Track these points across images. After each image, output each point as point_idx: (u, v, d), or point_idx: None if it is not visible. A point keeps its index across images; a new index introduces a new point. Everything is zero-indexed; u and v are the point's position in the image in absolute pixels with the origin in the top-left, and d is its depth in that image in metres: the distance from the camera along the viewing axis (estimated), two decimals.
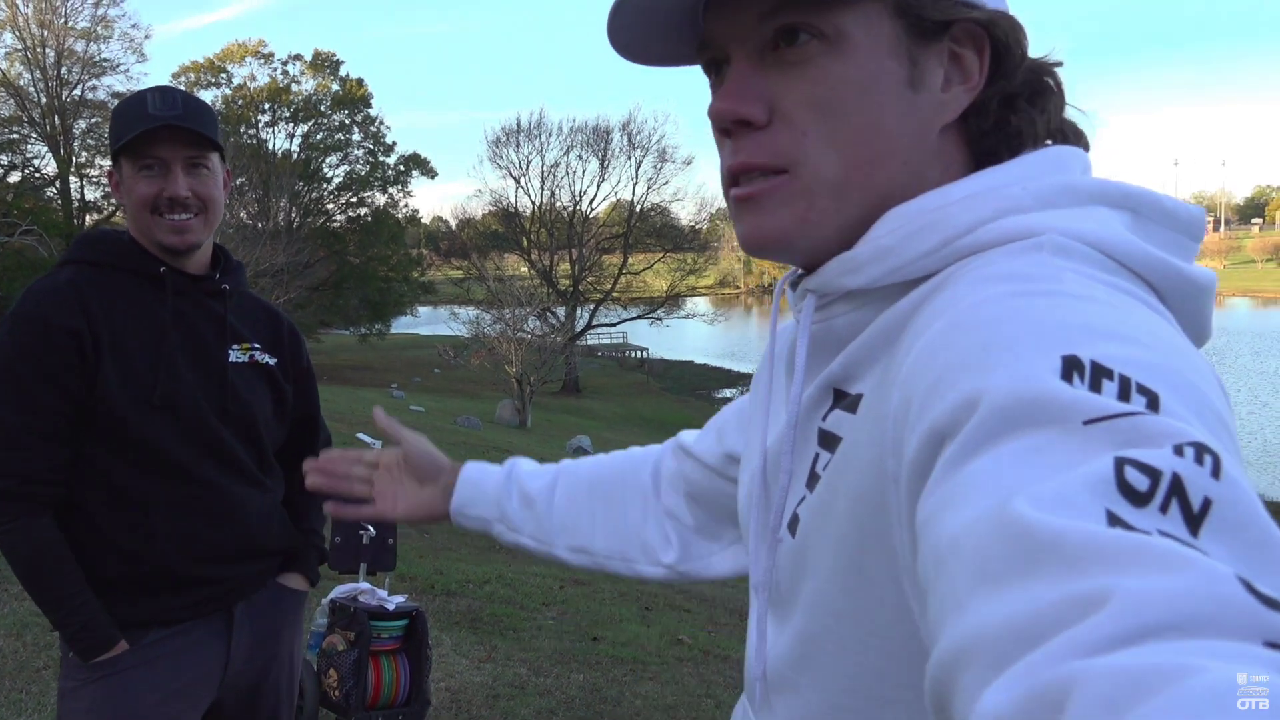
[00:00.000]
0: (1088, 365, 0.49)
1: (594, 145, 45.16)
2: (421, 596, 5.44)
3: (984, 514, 0.44)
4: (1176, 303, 0.65)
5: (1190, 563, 0.37)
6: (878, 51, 0.69)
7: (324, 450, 1.28)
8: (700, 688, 4.80)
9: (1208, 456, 0.43)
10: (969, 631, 0.40)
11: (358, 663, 3.26)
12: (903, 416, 0.57)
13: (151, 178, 1.87)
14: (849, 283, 0.70)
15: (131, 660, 1.89)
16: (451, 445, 14.35)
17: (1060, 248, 0.61)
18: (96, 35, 37.75)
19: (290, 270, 31.02)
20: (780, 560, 0.75)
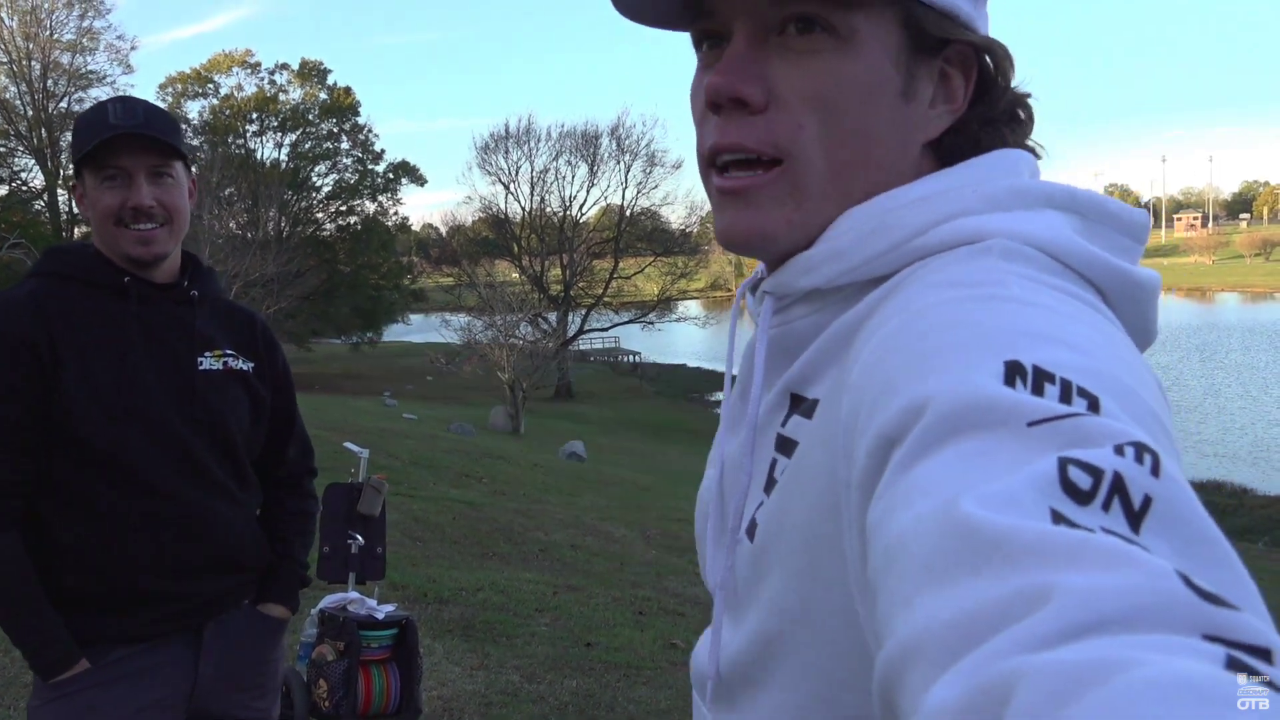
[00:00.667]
0: (1029, 370, 0.50)
1: (583, 150, 45.25)
2: (413, 604, 5.42)
3: (930, 513, 0.45)
4: (1122, 304, 0.66)
5: (1131, 559, 0.38)
6: (882, 57, 0.69)
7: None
8: None
9: (1147, 455, 0.44)
10: (915, 629, 0.41)
11: (347, 672, 3.24)
12: (853, 422, 0.58)
13: (114, 188, 1.85)
14: (804, 283, 0.71)
15: (93, 679, 1.85)
16: (445, 452, 14.33)
17: (1008, 251, 0.63)
18: (82, 47, 37.79)
19: (281, 280, 30.95)
20: (738, 564, 0.75)
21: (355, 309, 43.79)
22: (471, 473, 12.82)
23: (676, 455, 25.08)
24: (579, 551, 8.66)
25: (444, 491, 10.94)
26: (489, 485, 12.21)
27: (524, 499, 11.64)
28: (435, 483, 11.53)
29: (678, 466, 21.92)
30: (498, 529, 9.10)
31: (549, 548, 8.60)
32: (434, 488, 11.06)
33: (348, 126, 46.63)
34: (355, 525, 3.58)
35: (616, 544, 9.44)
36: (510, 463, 15.34)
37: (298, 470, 2.24)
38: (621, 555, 8.87)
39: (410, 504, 9.16)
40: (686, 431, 32.77)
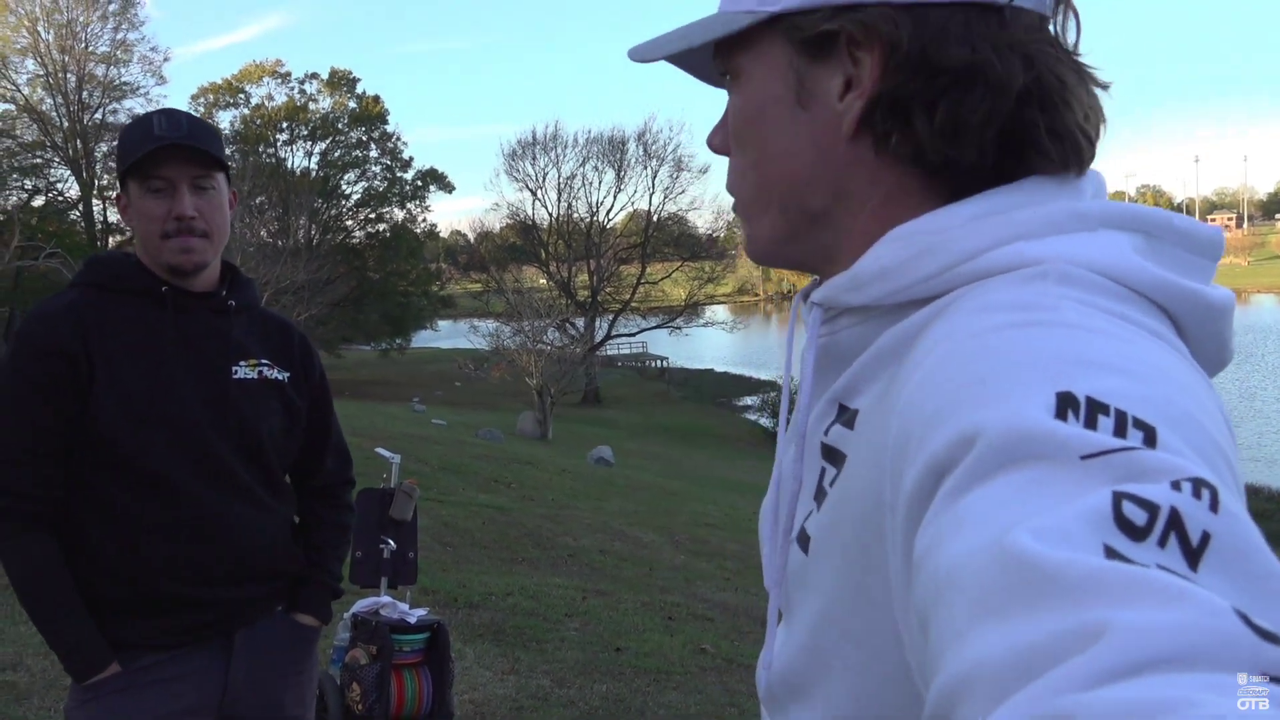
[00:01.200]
0: (1083, 401, 0.49)
1: (610, 156, 45.33)
2: (444, 609, 5.45)
3: (982, 545, 0.44)
4: (1192, 327, 0.63)
5: (1187, 596, 0.37)
6: (767, 79, 0.73)
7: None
8: (725, 697, 4.79)
9: (1205, 490, 0.43)
10: (968, 663, 0.41)
11: (380, 676, 3.27)
12: (901, 448, 0.57)
13: (159, 199, 1.88)
14: (851, 300, 0.71)
15: (124, 683, 1.87)
16: (474, 458, 14.40)
17: (1064, 276, 0.60)
18: (116, 59, 38.32)
19: (311, 287, 31.20)
20: (790, 573, 0.75)
21: (384, 316, 44.07)
22: (500, 478, 12.87)
23: (704, 460, 25.05)
24: (607, 556, 8.67)
25: (473, 497, 11.00)
26: (517, 491, 12.25)
27: (552, 504, 11.67)
28: (464, 488, 11.59)
29: (705, 471, 21.89)
30: (526, 534, 9.14)
31: (577, 553, 8.62)
32: (463, 493, 11.12)
33: (376, 135, 46.97)
34: (387, 530, 3.62)
35: (645, 549, 9.44)
36: (538, 468, 15.39)
37: (335, 480, 2.25)
38: (650, 560, 8.88)
39: (440, 509, 9.21)
40: (714, 437, 32.71)
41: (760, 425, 34.83)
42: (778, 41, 0.72)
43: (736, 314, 65.13)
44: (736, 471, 22.94)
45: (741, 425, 36.22)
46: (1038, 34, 0.68)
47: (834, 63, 0.70)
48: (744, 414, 38.74)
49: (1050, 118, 0.67)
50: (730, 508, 14.60)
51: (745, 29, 0.73)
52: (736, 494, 17.46)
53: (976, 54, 0.66)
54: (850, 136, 0.70)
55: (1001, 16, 0.67)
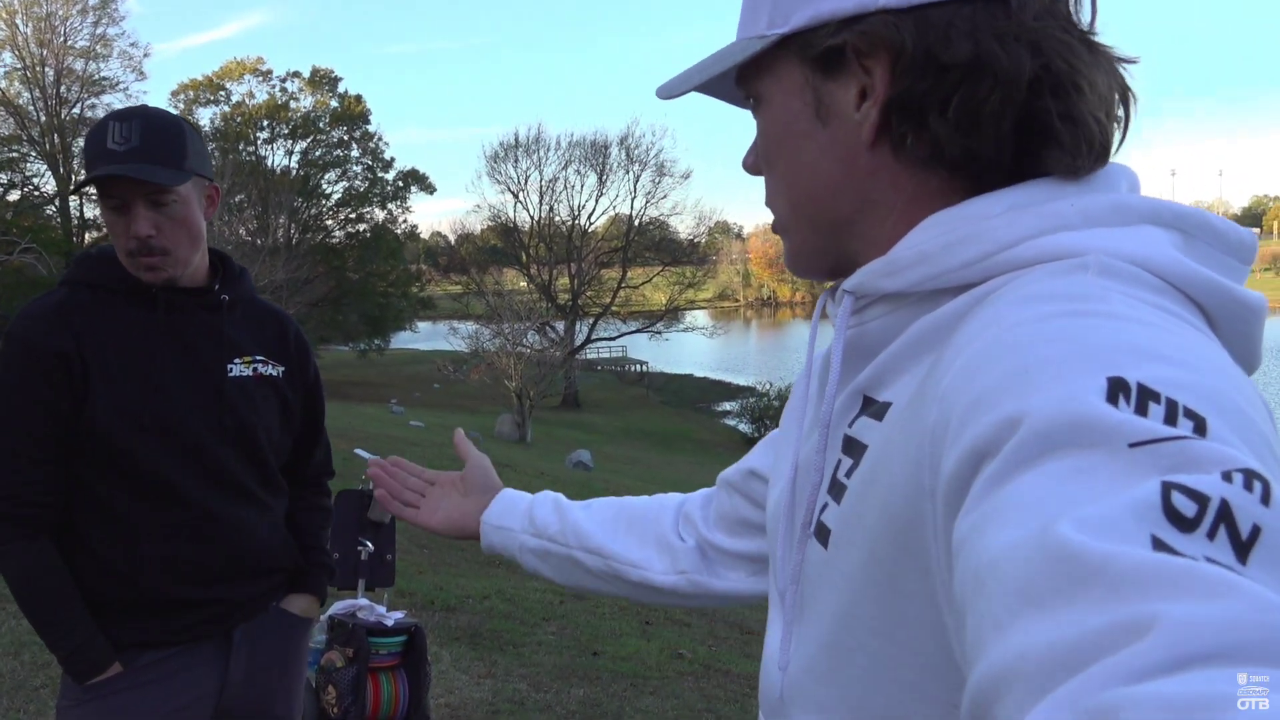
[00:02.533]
0: (1134, 387, 0.48)
1: (592, 160, 45.32)
2: (421, 612, 5.42)
3: (1027, 535, 0.43)
4: (1226, 326, 0.64)
5: (1237, 589, 0.37)
6: (787, 99, 0.75)
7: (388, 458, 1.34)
8: (701, 702, 4.79)
9: (1257, 483, 0.42)
10: (1010, 655, 0.40)
11: (356, 679, 3.25)
12: (942, 433, 0.57)
13: (118, 217, 1.83)
14: (887, 285, 0.70)
15: (126, 682, 1.87)
16: (452, 461, 14.31)
17: (1106, 268, 0.60)
18: (95, 54, 37.98)
19: (290, 286, 31.05)
20: (807, 569, 0.74)
21: (363, 316, 43.85)
22: None
23: (684, 465, 25.04)
24: None
25: None
26: None
27: None
28: None
29: (684, 476, 21.88)
30: None
31: None
32: None
33: (358, 134, 46.76)
34: (365, 532, 3.59)
35: None
36: (517, 471, 15.34)
37: (320, 472, 2.27)
38: None
39: None
40: (693, 441, 32.72)
41: (739, 431, 34.86)
42: (791, 62, 0.74)
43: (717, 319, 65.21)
44: (715, 477, 22.88)
45: (721, 430, 36.24)
46: (1048, 18, 0.67)
47: (847, 75, 0.71)
48: (723, 419, 38.77)
49: (1063, 104, 0.67)
50: None
51: (760, 54, 0.75)
52: None
53: (981, 46, 0.66)
54: (870, 145, 0.71)
55: (1007, 6, 0.67)
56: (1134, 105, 0.71)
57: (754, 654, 6.00)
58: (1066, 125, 0.67)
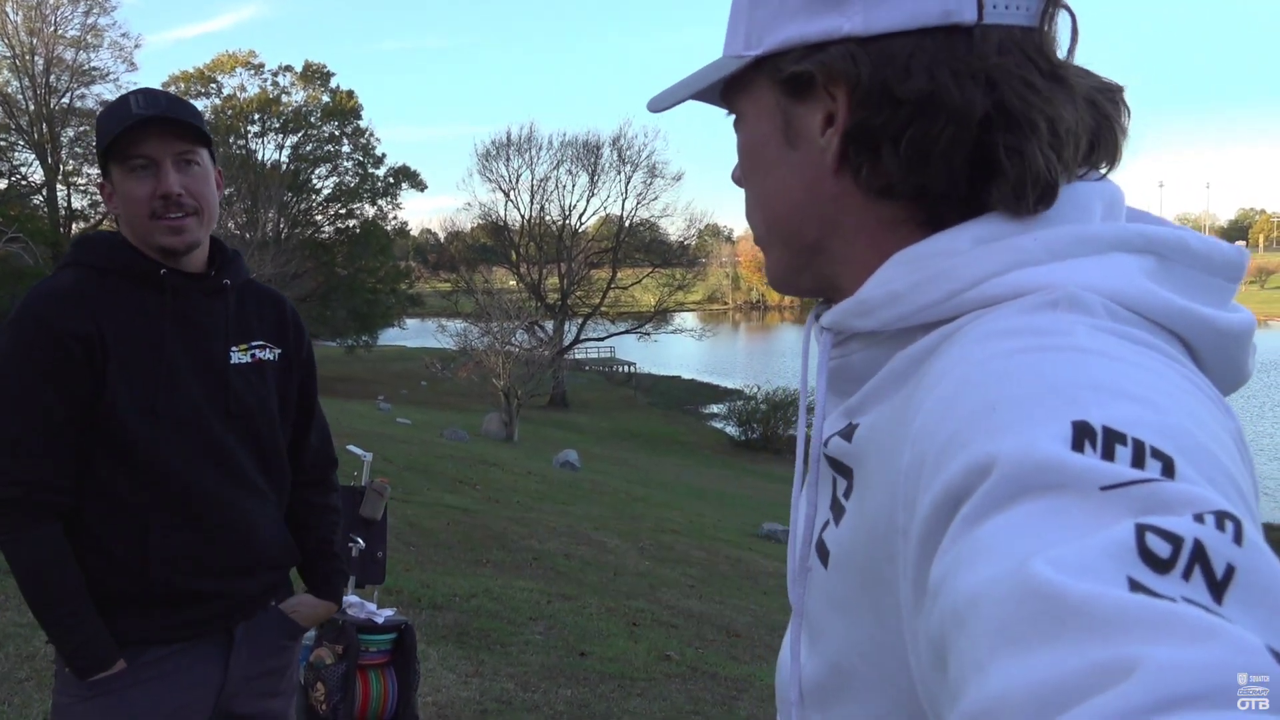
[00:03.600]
0: (1099, 431, 0.48)
1: (584, 160, 45.27)
2: (408, 610, 5.40)
3: (1003, 574, 0.43)
4: (1205, 352, 0.63)
5: (1219, 633, 0.36)
6: (760, 119, 0.75)
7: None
8: (688, 704, 4.78)
9: (1229, 523, 0.42)
10: (991, 694, 0.40)
11: (345, 676, 3.24)
12: (915, 475, 0.57)
13: (143, 178, 1.81)
14: (860, 325, 0.71)
15: (129, 679, 1.84)
16: (439, 458, 14.32)
17: (1073, 301, 0.59)
18: (86, 44, 37.71)
19: (278, 281, 30.89)
20: (812, 588, 0.75)
21: (351, 312, 43.69)
22: (465, 479, 12.81)
23: (670, 466, 25.06)
24: (572, 561, 8.65)
25: (438, 497, 10.94)
26: (483, 492, 12.20)
27: (517, 507, 11.63)
28: (429, 488, 11.52)
29: (671, 478, 21.89)
30: (491, 536, 9.09)
31: (542, 556, 8.59)
32: (428, 493, 11.05)
33: (349, 130, 46.61)
34: (357, 529, 3.58)
35: (610, 554, 9.42)
36: (504, 470, 15.33)
37: (320, 461, 2.21)
38: (615, 565, 8.87)
39: (404, 509, 9.15)
40: (680, 443, 32.73)
41: (726, 433, 34.90)
42: (764, 84, 0.74)
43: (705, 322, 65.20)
44: (702, 479, 22.96)
45: (707, 433, 36.28)
46: (1012, 52, 0.65)
47: (814, 100, 0.71)
48: (710, 421, 38.81)
49: (1013, 139, 0.65)
50: (696, 515, 14.62)
51: (738, 73, 0.76)
52: (702, 501, 17.49)
53: (935, 82, 0.65)
54: (834, 171, 0.71)
55: (970, 38, 0.65)
56: (1120, 129, 0.69)
57: (740, 657, 6.00)
58: (1014, 161, 0.64)
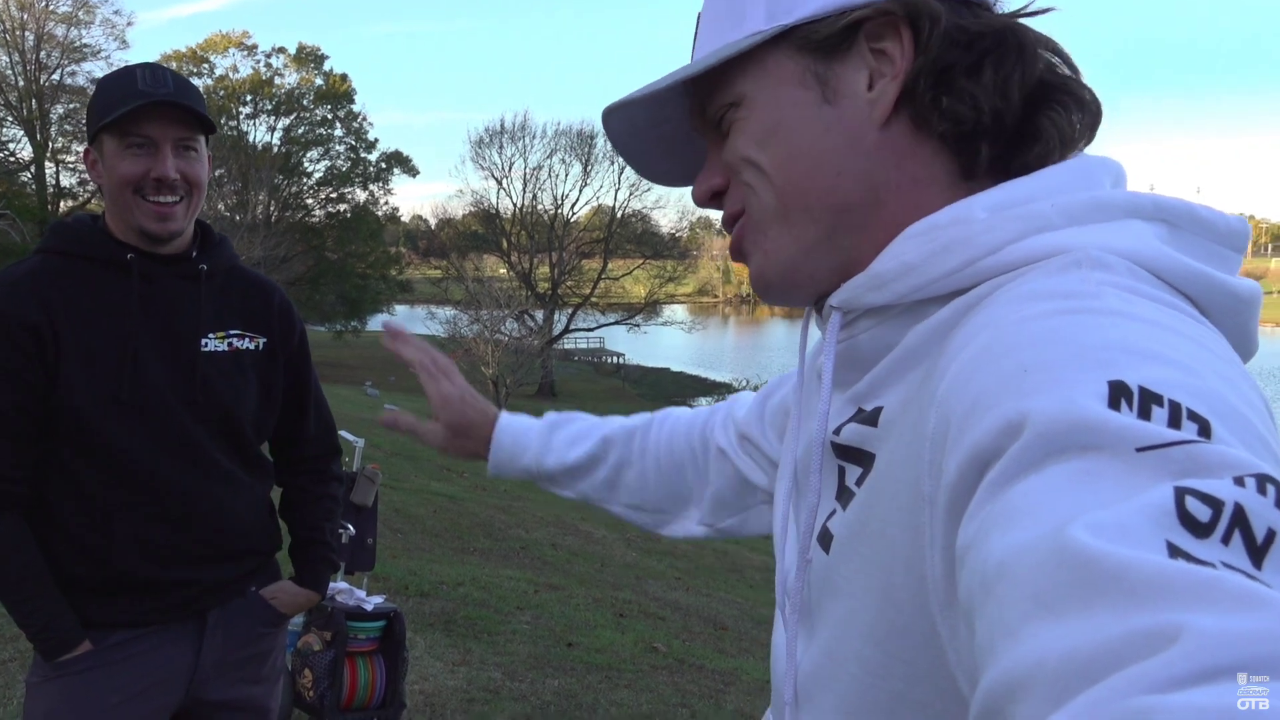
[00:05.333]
0: (1135, 391, 0.47)
1: (578, 149, 45.15)
2: (395, 597, 5.38)
3: (1038, 539, 0.42)
4: (1219, 316, 0.63)
5: (1264, 601, 0.36)
6: (783, 89, 0.73)
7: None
8: (675, 696, 4.78)
9: (1270, 486, 0.41)
10: (1026, 661, 0.39)
11: (333, 663, 3.22)
12: (941, 438, 0.56)
13: (139, 156, 1.78)
14: (873, 299, 0.70)
15: (95, 660, 1.83)
16: (425, 451, 14.26)
17: (1098, 262, 0.59)
18: (78, 20, 37.40)
19: (267, 264, 30.77)
20: (811, 575, 0.74)
21: (341, 297, 43.55)
22: (453, 466, 12.77)
23: None
24: (559, 550, 8.64)
25: (425, 484, 10.90)
26: (470, 480, 12.16)
27: (504, 495, 11.60)
28: (416, 475, 11.48)
29: None
30: (478, 524, 9.07)
31: (529, 545, 8.57)
32: (415, 480, 11.01)
33: (342, 114, 46.41)
34: (348, 515, 3.55)
35: (597, 544, 9.42)
36: None
37: (319, 451, 2.18)
38: (602, 556, 8.86)
39: (391, 495, 9.11)
40: None
41: None
42: (785, 54, 0.73)
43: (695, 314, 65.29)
44: None
45: None
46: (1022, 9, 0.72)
47: (853, 58, 0.71)
48: None
49: (1069, 80, 0.71)
50: None
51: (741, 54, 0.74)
52: None
53: (1006, 20, 0.70)
54: (881, 123, 0.71)
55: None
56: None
57: (727, 650, 6.00)
58: (1076, 101, 0.71)
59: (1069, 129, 0.70)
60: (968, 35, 0.69)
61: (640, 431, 1.23)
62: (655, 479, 1.20)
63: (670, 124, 0.83)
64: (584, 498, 1.23)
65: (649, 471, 1.20)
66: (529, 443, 1.24)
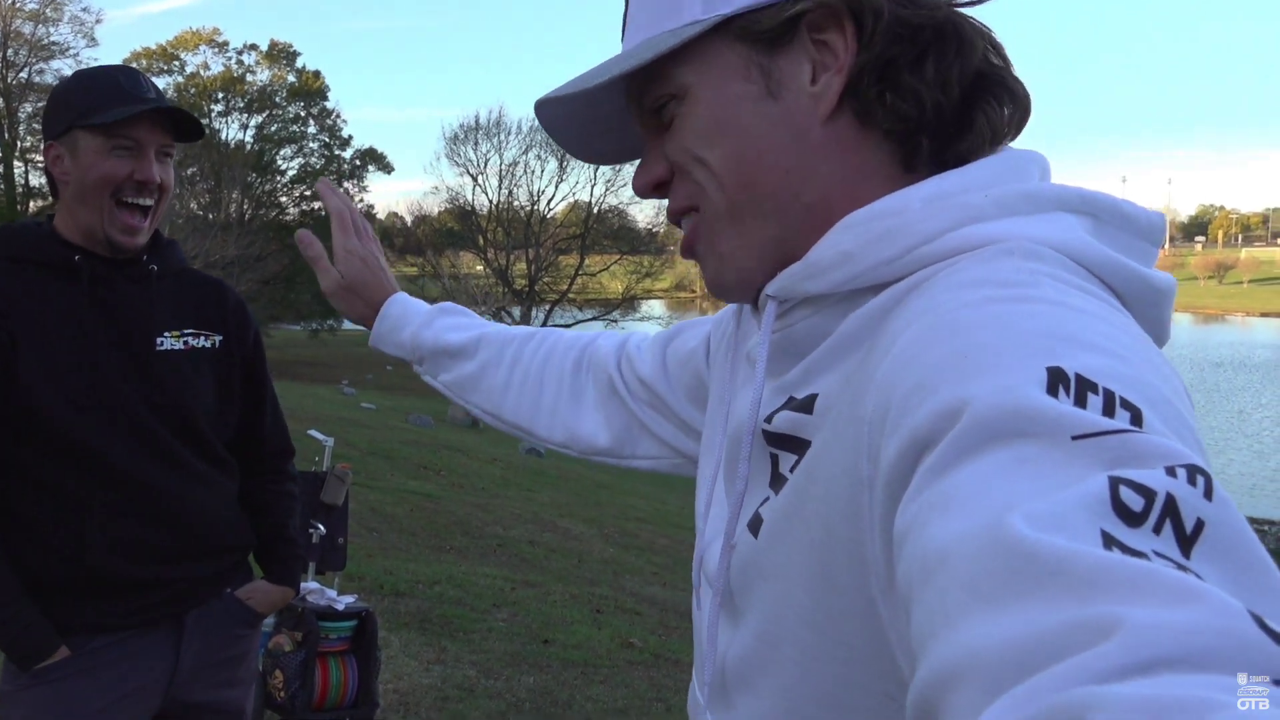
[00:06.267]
0: (1073, 378, 0.48)
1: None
2: (370, 596, 5.36)
3: (975, 528, 0.43)
4: (1138, 308, 0.65)
5: (1201, 594, 0.36)
6: (726, 82, 0.73)
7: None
8: (651, 691, 4.79)
9: (1200, 477, 0.42)
10: (962, 651, 0.39)
11: (304, 664, 3.20)
12: (880, 421, 0.56)
13: (123, 158, 1.80)
14: (810, 288, 0.70)
15: (73, 667, 1.81)
16: (403, 444, 14.21)
17: (1030, 252, 0.61)
18: (45, 18, 36.95)
19: (241, 263, 30.58)
20: (736, 560, 0.74)
21: (316, 295, 43.04)
22: (429, 465, 12.72)
23: None
24: (536, 547, 8.63)
25: (401, 483, 10.86)
26: (447, 478, 12.12)
27: (482, 493, 11.57)
28: (392, 473, 11.43)
29: None
30: (455, 522, 9.05)
31: (506, 543, 8.56)
32: (391, 479, 10.97)
33: (315, 111, 46.13)
34: (317, 514, 3.54)
35: (574, 541, 9.41)
36: (468, 456, 15.25)
37: (274, 449, 2.18)
38: (579, 552, 8.86)
39: (367, 494, 9.07)
40: None
41: None
42: (728, 44, 0.72)
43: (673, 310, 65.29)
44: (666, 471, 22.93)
45: None
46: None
47: (796, 51, 0.71)
48: None
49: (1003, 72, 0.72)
50: (659, 502, 14.64)
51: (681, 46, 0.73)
52: (666, 489, 17.51)
53: (947, 12, 0.70)
54: (826, 117, 0.71)
55: None
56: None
57: None
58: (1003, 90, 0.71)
59: (999, 122, 0.71)
60: (910, 28, 0.69)
61: (518, 341, 1.23)
62: (518, 390, 1.19)
63: (608, 104, 0.81)
64: (449, 389, 1.23)
65: (514, 381, 1.20)
66: (413, 318, 1.24)
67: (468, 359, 1.22)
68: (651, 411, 1.11)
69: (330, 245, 1.31)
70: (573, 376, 1.18)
